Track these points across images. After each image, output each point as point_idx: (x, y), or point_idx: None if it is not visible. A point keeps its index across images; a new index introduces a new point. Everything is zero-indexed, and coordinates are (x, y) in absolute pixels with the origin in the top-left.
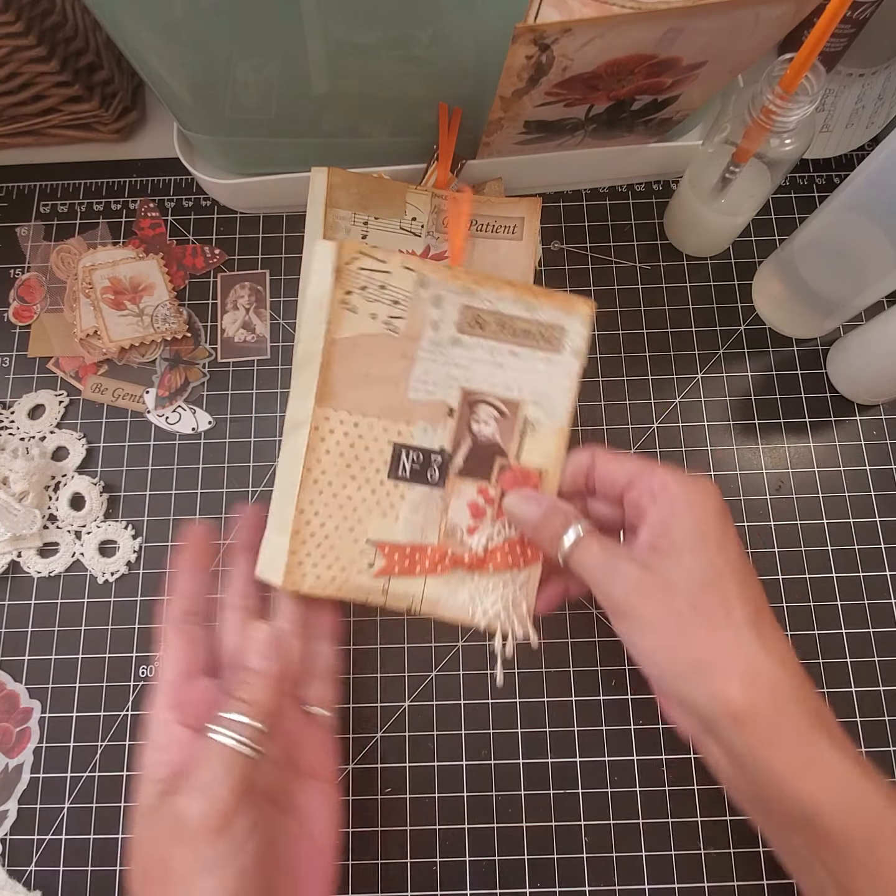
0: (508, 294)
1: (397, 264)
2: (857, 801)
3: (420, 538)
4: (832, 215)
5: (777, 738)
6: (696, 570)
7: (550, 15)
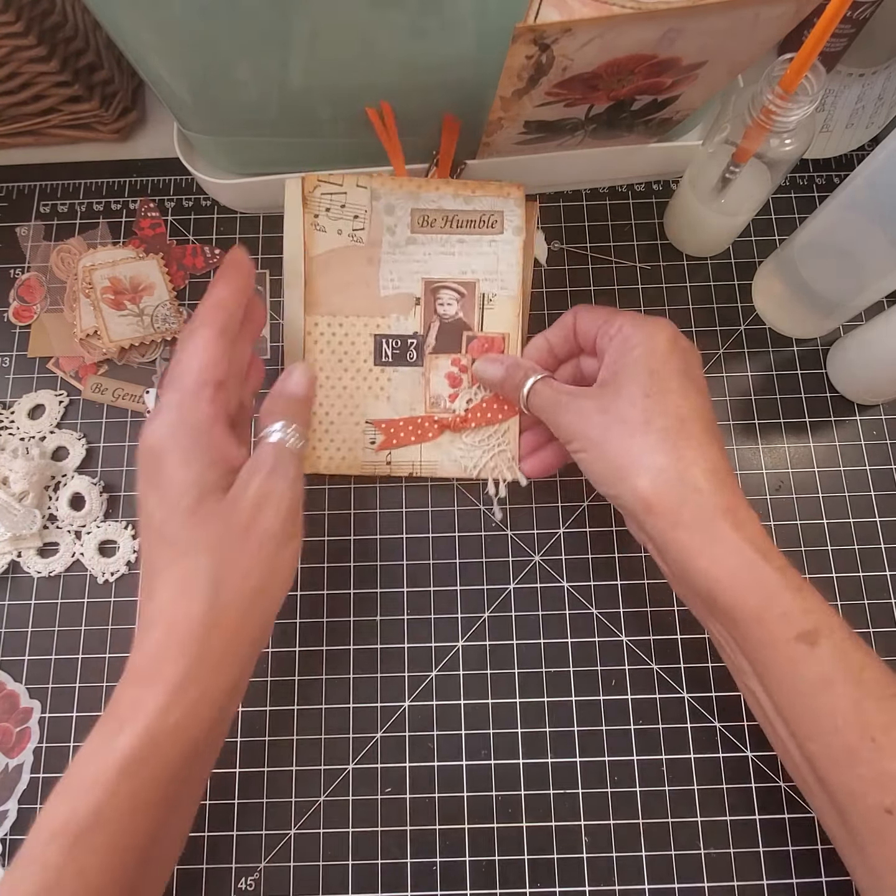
0: (448, 192)
1: (351, 184)
2: (750, 578)
3: (409, 412)
4: (832, 215)
5: (681, 521)
6: (628, 392)
7: (550, 15)
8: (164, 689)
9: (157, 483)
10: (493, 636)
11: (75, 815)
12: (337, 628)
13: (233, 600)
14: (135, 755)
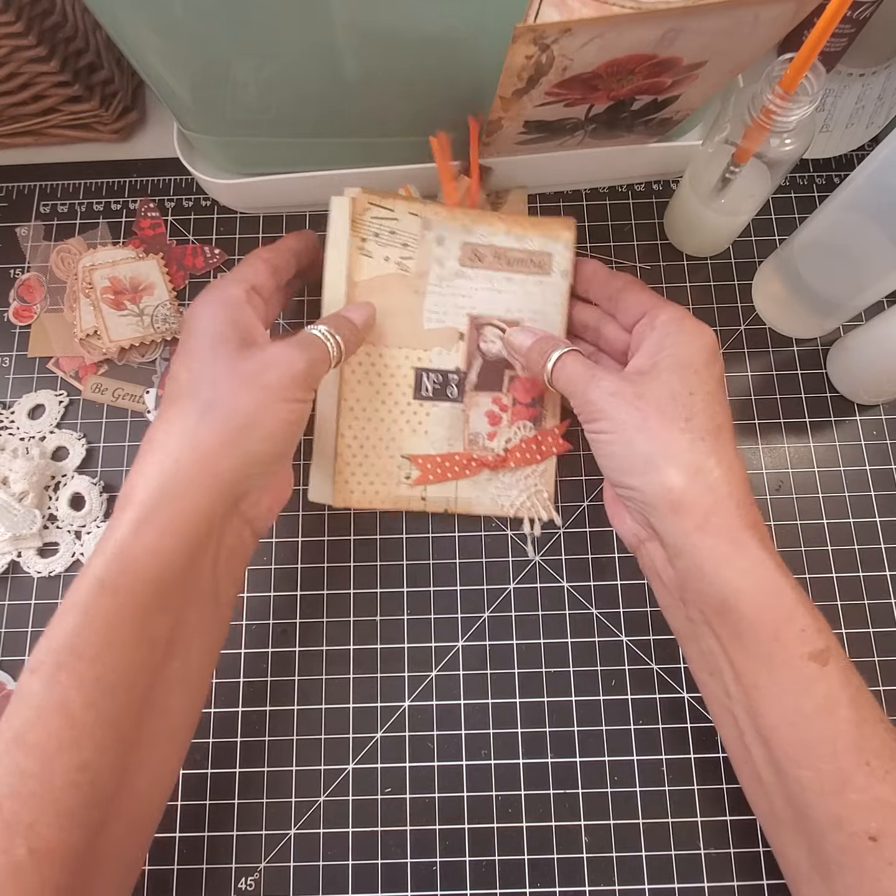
0: (500, 228)
1: (403, 211)
2: (773, 592)
3: (447, 448)
4: (832, 215)
5: (709, 526)
6: (669, 385)
7: (550, 15)
8: (136, 509)
9: (185, 341)
10: (493, 636)
11: (54, 642)
12: (337, 628)
13: (213, 427)
14: (107, 573)
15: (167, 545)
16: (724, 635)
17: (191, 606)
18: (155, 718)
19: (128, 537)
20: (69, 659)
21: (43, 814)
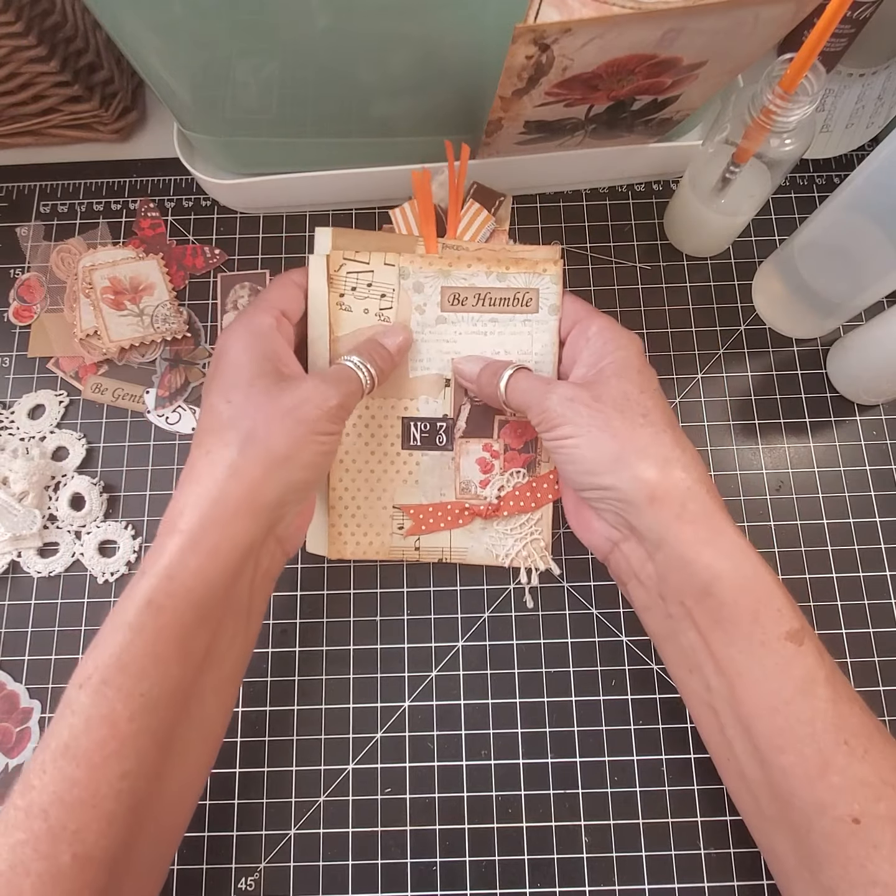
0: (480, 269)
1: (379, 262)
2: (752, 574)
3: (439, 497)
4: (832, 215)
5: (686, 513)
6: (620, 387)
7: (550, 15)
8: (182, 535)
9: (218, 370)
10: (493, 636)
11: (101, 658)
12: (337, 628)
13: (256, 459)
14: (155, 594)
15: (211, 569)
16: (705, 624)
17: (227, 622)
18: (189, 727)
19: (175, 562)
20: (116, 674)
21: (88, 821)
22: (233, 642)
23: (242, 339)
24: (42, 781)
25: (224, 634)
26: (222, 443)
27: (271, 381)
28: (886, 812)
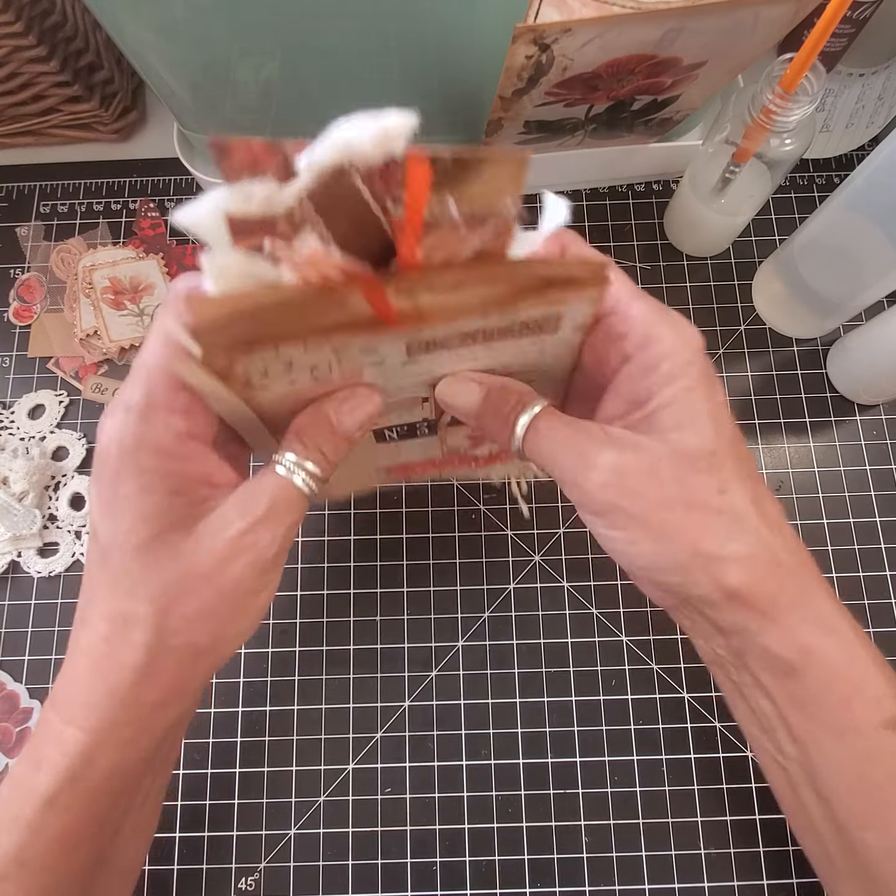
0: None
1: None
2: (846, 659)
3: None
4: (832, 215)
5: (775, 608)
6: (687, 448)
7: (550, 15)
8: (85, 734)
9: (109, 500)
10: (493, 636)
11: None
12: (337, 628)
13: (172, 657)
14: (57, 795)
15: (126, 761)
16: (783, 702)
17: (147, 779)
18: (108, 875)
19: (78, 763)
20: (16, 870)
21: None
22: (151, 791)
23: (140, 463)
24: None
25: (141, 790)
26: (122, 635)
27: (181, 534)
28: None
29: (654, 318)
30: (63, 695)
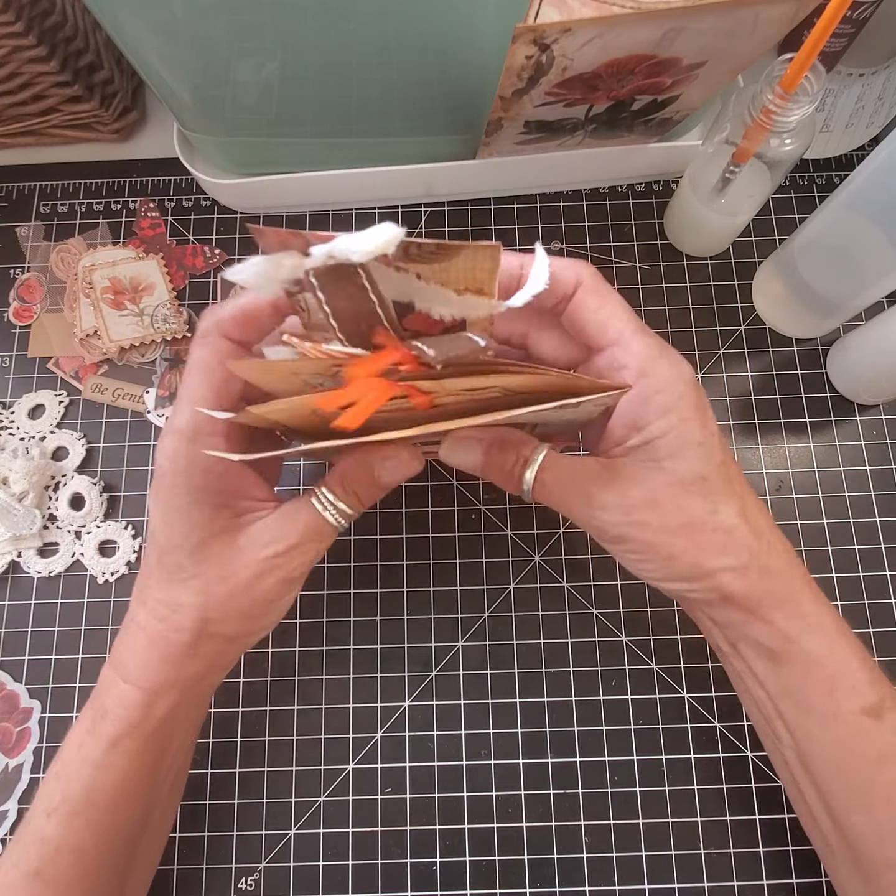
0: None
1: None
2: (826, 648)
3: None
4: (832, 215)
5: (762, 608)
6: (681, 475)
7: (550, 15)
8: (145, 693)
9: (166, 510)
10: (493, 636)
11: (69, 791)
12: (337, 628)
13: (211, 641)
14: (121, 738)
15: (177, 718)
16: (774, 690)
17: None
18: (148, 839)
19: (139, 715)
20: (85, 808)
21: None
22: (188, 749)
23: (192, 480)
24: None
25: (183, 748)
26: (175, 618)
27: (226, 541)
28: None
29: (653, 354)
30: (123, 660)
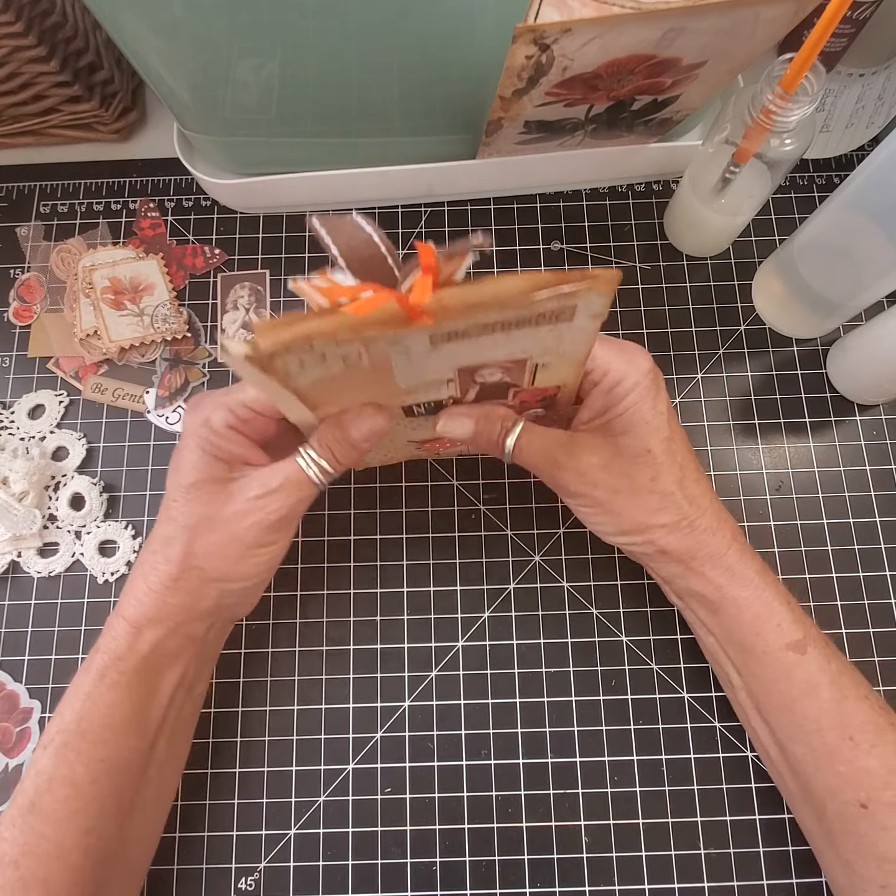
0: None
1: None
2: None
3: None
4: (832, 215)
5: (695, 560)
6: (630, 447)
7: (550, 15)
8: (129, 624)
9: (176, 460)
10: (493, 636)
11: (63, 723)
12: (337, 628)
13: (193, 574)
14: (107, 670)
15: (155, 657)
16: (719, 634)
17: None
18: (147, 788)
19: (124, 646)
20: (76, 738)
21: (55, 870)
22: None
23: (199, 434)
24: (12, 834)
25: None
26: (163, 550)
27: (217, 487)
28: (892, 799)
29: (611, 355)
30: (121, 599)
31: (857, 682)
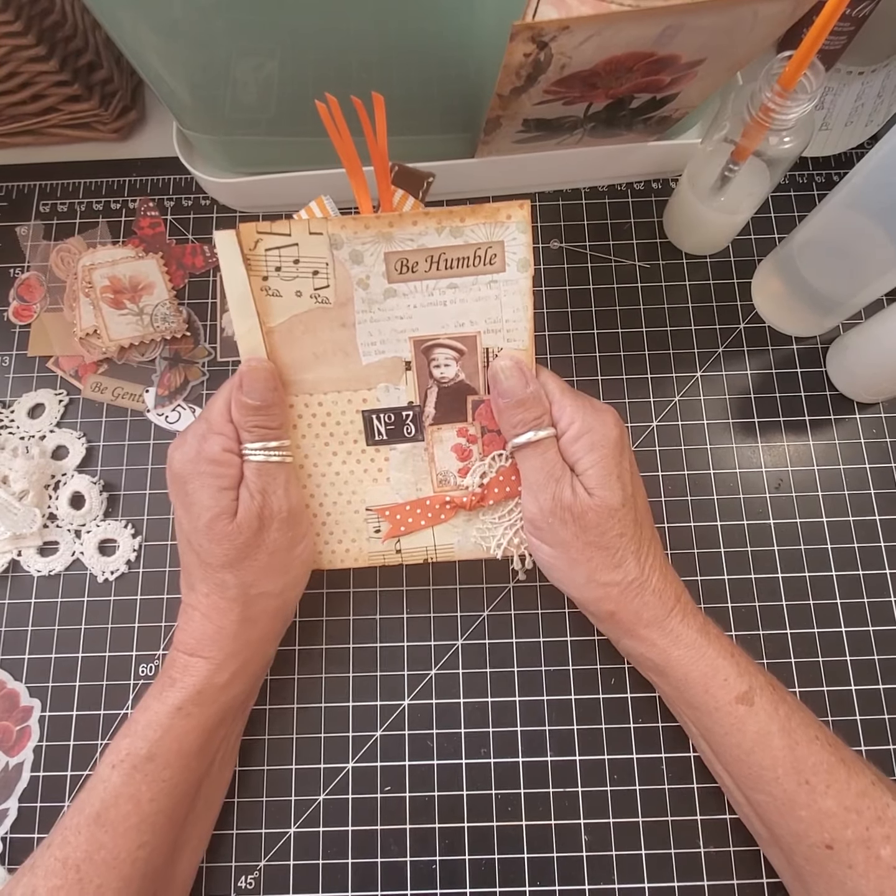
0: (429, 224)
1: (302, 232)
2: (697, 655)
3: (416, 493)
4: (831, 213)
5: (640, 622)
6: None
7: (548, 13)
8: (209, 662)
9: (184, 501)
10: (493, 635)
11: (134, 748)
12: (336, 627)
13: (257, 603)
14: (185, 703)
15: (234, 687)
16: (672, 696)
17: (239, 727)
18: (201, 802)
19: (205, 681)
20: (144, 763)
21: (109, 878)
22: (239, 724)
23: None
24: (77, 840)
25: (235, 726)
26: (220, 591)
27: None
28: (854, 836)
29: (579, 409)
30: (184, 638)
31: (807, 723)
